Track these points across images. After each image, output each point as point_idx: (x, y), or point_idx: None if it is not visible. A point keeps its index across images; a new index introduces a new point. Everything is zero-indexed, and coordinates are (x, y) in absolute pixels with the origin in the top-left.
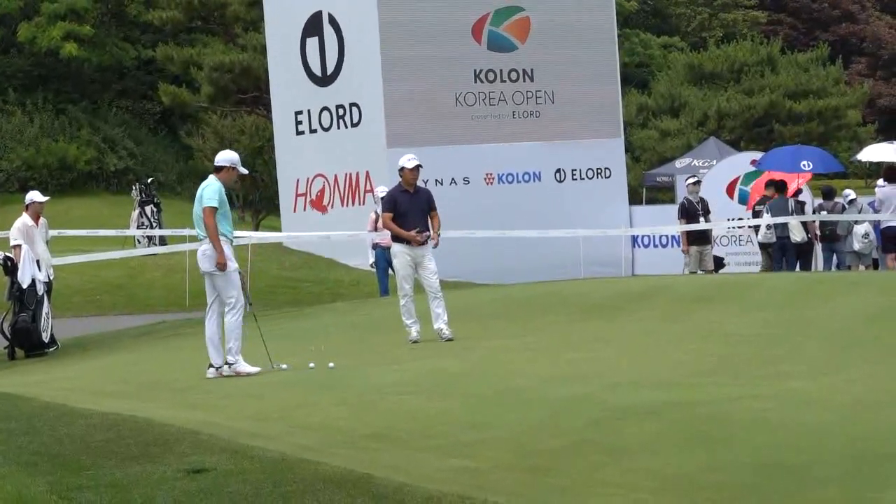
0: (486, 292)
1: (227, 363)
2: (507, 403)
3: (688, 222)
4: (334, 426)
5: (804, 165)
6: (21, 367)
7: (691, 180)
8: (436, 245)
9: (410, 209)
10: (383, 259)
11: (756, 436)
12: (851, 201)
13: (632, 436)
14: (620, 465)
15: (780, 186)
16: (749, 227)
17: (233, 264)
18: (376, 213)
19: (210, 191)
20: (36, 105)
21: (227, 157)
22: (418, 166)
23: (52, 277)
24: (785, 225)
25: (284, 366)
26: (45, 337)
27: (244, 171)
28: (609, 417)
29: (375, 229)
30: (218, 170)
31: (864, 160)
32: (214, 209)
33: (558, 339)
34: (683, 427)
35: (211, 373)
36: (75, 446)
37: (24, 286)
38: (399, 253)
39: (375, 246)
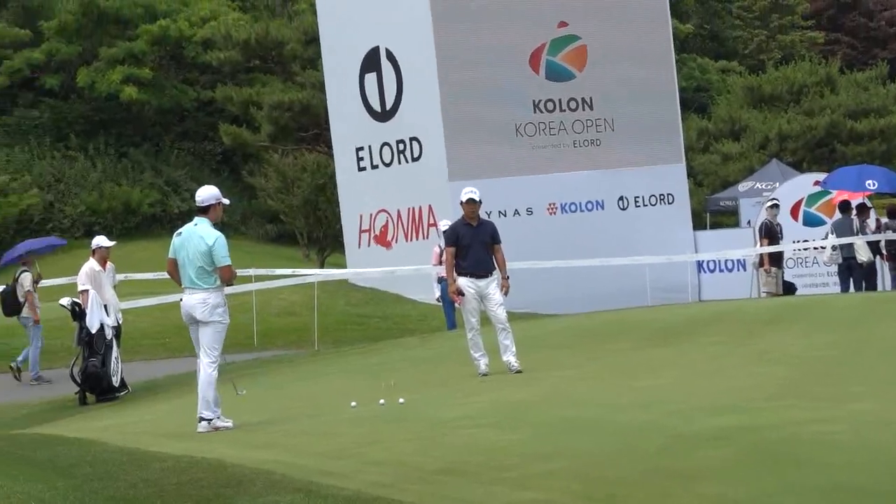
0: (552, 322)
1: (205, 419)
2: (576, 433)
3: (770, 244)
4: (406, 461)
5: (869, 184)
6: (92, 411)
7: (769, 204)
8: (506, 293)
9: (473, 242)
10: (444, 290)
11: (826, 458)
12: None
13: (701, 461)
14: (691, 492)
15: (844, 206)
16: (815, 248)
17: (227, 318)
18: (440, 246)
19: (220, 246)
20: (98, 149)
21: (211, 192)
22: (477, 200)
23: (120, 321)
24: (850, 245)
25: (353, 403)
26: (116, 381)
27: (227, 201)
28: (678, 444)
29: (440, 263)
30: (205, 210)
31: None
32: (230, 266)
33: (625, 367)
34: (752, 451)
35: (203, 427)
36: (150, 490)
37: (93, 331)
38: (464, 286)
39: (441, 279)
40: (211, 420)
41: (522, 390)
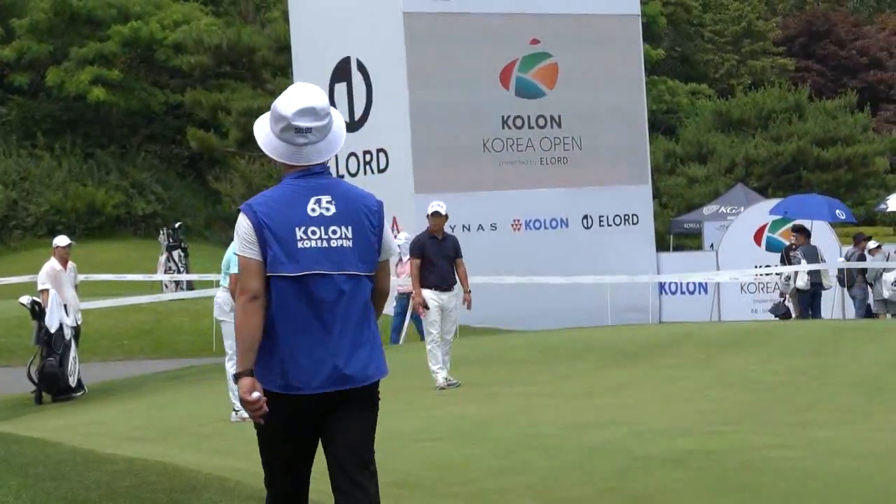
0: (513, 338)
1: (234, 409)
2: (533, 450)
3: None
4: None
5: (838, 214)
6: (48, 411)
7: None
8: (468, 306)
9: (437, 255)
10: (400, 305)
11: (783, 484)
12: (876, 248)
13: (658, 484)
14: None
15: (805, 231)
16: (778, 274)
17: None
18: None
19: (232, 255)
20: (64, 149)
21: None
22: (443, 214)
23: (79, 322)
24: (816, 271)
25: None
26: (73, 381)
27: None
28: (636, 465)
29: (396, 275)
30: None
31: (890, 209)
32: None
33: (585, 386)
34: (710, 475)
35: (234, 417)
36: (101, 492)
37: (52, 330)
38: (428, 298)
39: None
40: (238, 411)
41: (481, 405)
